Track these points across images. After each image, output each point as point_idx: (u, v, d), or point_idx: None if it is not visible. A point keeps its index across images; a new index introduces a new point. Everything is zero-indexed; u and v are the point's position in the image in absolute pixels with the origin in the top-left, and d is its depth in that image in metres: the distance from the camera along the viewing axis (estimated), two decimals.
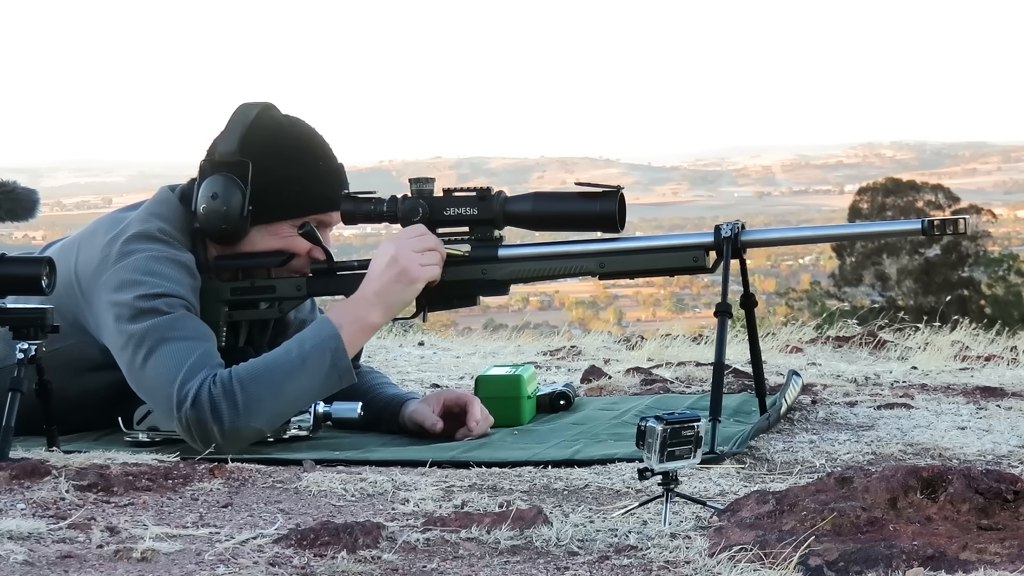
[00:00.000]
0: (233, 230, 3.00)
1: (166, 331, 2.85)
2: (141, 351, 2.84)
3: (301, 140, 3.07)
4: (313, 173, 3.06)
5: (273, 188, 3.01)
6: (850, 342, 5.37)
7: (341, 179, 3.11)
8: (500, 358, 5.07)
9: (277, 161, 3.02)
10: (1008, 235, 53.34)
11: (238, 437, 2.78)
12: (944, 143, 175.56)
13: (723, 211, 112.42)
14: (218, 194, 2.98)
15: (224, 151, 3.01)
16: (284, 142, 3.04)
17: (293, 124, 3.08)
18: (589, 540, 2.02)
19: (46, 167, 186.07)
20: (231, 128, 3.02)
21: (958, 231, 2.93)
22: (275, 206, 3.02)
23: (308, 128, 3.10)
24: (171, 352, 2.82)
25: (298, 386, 2.82)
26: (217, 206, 2.98)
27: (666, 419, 2.11)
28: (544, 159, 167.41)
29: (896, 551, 1.83)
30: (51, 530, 2.04)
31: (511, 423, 3.18)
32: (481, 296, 3.12)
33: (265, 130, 3.03)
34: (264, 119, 3.04)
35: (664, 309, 60.14)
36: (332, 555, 1.92)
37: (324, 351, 2.84)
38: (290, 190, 3.03)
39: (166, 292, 2.89)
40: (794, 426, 3.17)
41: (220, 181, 2.99)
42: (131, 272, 2.91)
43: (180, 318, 2.88)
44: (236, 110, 3.05)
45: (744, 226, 2.99)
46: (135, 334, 2.85)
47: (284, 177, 3.02)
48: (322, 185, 3.07)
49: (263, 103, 3.08)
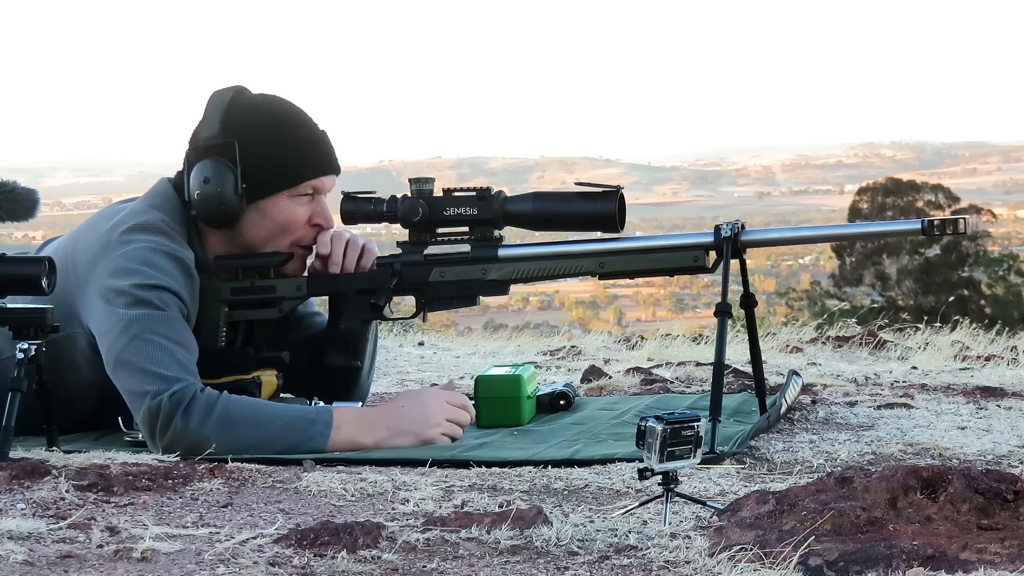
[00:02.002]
0: (230, 211, 3.01)
1: (157, 325, 2.86)
2: (128, 334, 2.85)
3: (281, 112, 3.09)
4: (298, 140, 3.07)
5: (263, 162, 3.02)
6: (850, 342, 5.36)
7: (327, 144, 3.13)
8: (500, 358, 5.07)
9: (261, 135, 3.03)
10: (1008, 235, 53.33)
11: (191, 443, 2.76)
12: (944, 143, 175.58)
13: (723, 211, 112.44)
14: (210, 178, 3.00)
15: (208, 136, 3.03)
16: (265, 117, 3.06)
17: (269, 100, 3.11)
18: (589, 540, 2.02)
19: (46, 167, 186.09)
20: (210, 114, 3.05)
21: (958, 231, 2.94)
22: (268, 179, 3.03)
23: (285, 101, 3.13)
24: (160, 346, 2.84)
25: (269, 435, 2.80)
26: (211, 189, 2.99)
27: (666, 419, 2.11)
28: (544, 159, 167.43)
29: (896, 551, 1.83)
30: (51, 530, 2.04)
31: (511, 423, 3.18)
32: (481, 296, 3.12)
33: (244, 110, 3.05)
34: (240, 100, 3.07)
35: (664, 309, 60.15)
36: (332, 555, 1.92)
37: (311, 427, 2.82)
38: (279, 161, 3.04)
39: (162, 285, 2.90)
40: (794, 426, 3.17)
41: (210, 165, 3.00)
42: (129, 261, 2.92)
43: (174, 319, 2.89)
44: (210, 97, 3.07)
45: (744, 226, 2.99)
46: (124, 318, 2.86)
47: (271, 150, 3.03)
48: (309, 151, 3.08)
49: (235, 87, 3.10)
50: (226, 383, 2.95)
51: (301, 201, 3.07)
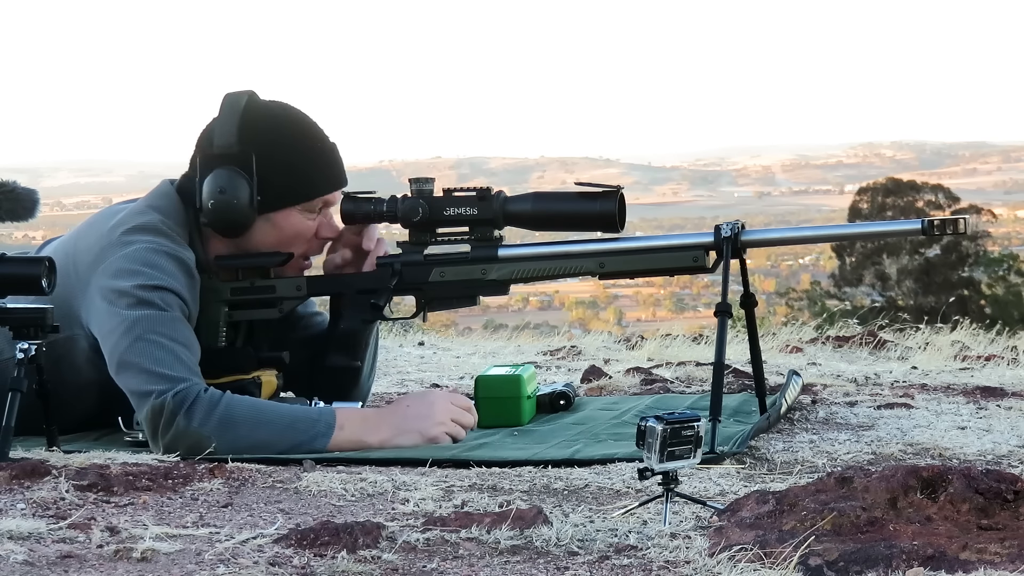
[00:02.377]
0: (242, 221, 3.01)
1: (159, 326, 2.86)
2: (131, 335, 2.85)
3: (297, 125, 3.08)
4: (315, 155, 3.07)
5: (279, 176, 3.01)
6: (850, 342, 5.36)
7: (338, 158, 3.13)
8: (500, 358, 5.07)
9: (279, 148, 3.02)
10: (1008, 235, 53.33)
11: (192, 442, 2.77)
12: (944, 143, 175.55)
13: (723, 211, 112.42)
14: (225, 188, 2.98)
15: (223, 143, 3.01)
16: (282, 129, 3.05)
17: (284, 109, 3.09)
18: (589, 540, 2.02)
19: (46, 167, 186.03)
20: (225, 119, 3.02)
21: (958, 231, 2.94)
22: (283, 193, 3.03)
23: (299, 112, 3.12)
24: (163, 346, 2.84)
25: (271, 435, 2.80)
26: (226, 200, 2.98)
27: (666, 419, 2.11)
28: (544, 159, 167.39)
29: (896, 551, 1.83)
30: (51, 530, 2.04)
31: (511, 423, 3.18)
32: (481, 296, 3.12)
33: (260, 118, 3.04)
34: (254, 107, 3.05)
35: (664, 309, 60.14)
36: (332, 555, 1.92)
37: (314, 427, 2.83)
38: (296, 176, 3.03)
39: (164, 286, 2.90)
40: (794, 426, 3.17)
41: (225, 175, 2.99)
42: (130, 262, 2.92)
43: (176, 319, 2.89)
44: (224, 100, 3.05)
45: (744, 226, 2.99)
46: (127, 319, 2.87)
47: (288, 163, 3.02)
48: (324, 166, 3.08)
49: (246, 91, 3.08)
50: (226, 383, 2.95)
51: (311, 215, 3.07)
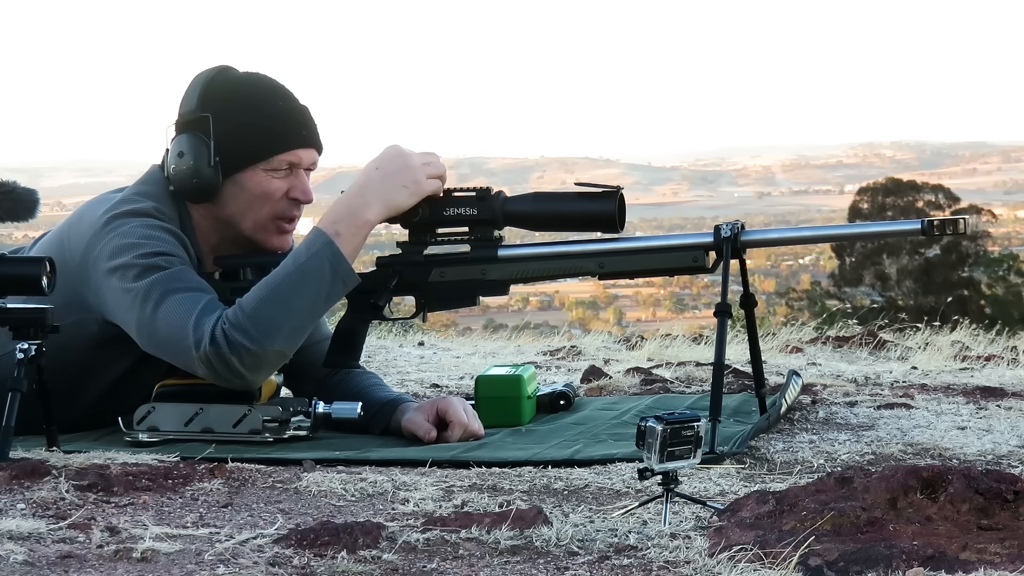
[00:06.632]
0: (205, 185, 3.02)
1: (170, 283, 2.89)
2: (149, 304, 2.88)
3: (259, 86, 3.10)
4: (273, 113, 3.07)
5: (235, 134, 3.03)
6: (850, 342, 5.36)
7: (306, 118, 3.13)
8: (500, 358, 5.07)
9: (236, 108, 3.04)
10: (1008, 235, 53.33)
11: (262, 362, 2.83)
12: (944, 143, 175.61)
13: (723, 211, 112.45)
14: (184, 152, 3.02)
15: (185, 111, 3.05)
16: (242, 91, 3.08)
17: (250, 75, 3.12)
18: (589, 540, 2.02)
19: (46, 167, 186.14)
20: (190, 90, 3.06)
21: (958, 231, 2.94)
22: (240, 151, 3.04)
23: (265, 77, 3.14)
24: (180, 300, 2.87)
25: (304, 299, 2.85)
26: (185, 163, 3.02)
27: (666, 419, 2.11)
28: (544, 159, 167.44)
29: (896, 551, 1.83)
30: (51, 530, 2.04)
31: (511, 423, 3.18)
32: (481, 296, 3.12)
33: (223, 85, 3.07)
34: (221, 77, 3.08)
35: (664, 309, 60.11)
36: (332, 555, 1.92)
37: (321, 259, 2.87)
38: (252, 133, 3.04)
39: (163, 251, 2.93)
40: (794, 426, 3.17)
41: (184, 139, 3.03)
42: (125, 238, 2.95)
43: (182, 271, 2.93)
44: (194, 77, 3.08)
45: (744, 226, 2.99)
46: (140, 290, 2.89)
47: (244, 122, 3.04)
48: (284, 124, 3.08)
49: (220, 66, 3.11)
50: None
51: (278, 174, 3.07)
